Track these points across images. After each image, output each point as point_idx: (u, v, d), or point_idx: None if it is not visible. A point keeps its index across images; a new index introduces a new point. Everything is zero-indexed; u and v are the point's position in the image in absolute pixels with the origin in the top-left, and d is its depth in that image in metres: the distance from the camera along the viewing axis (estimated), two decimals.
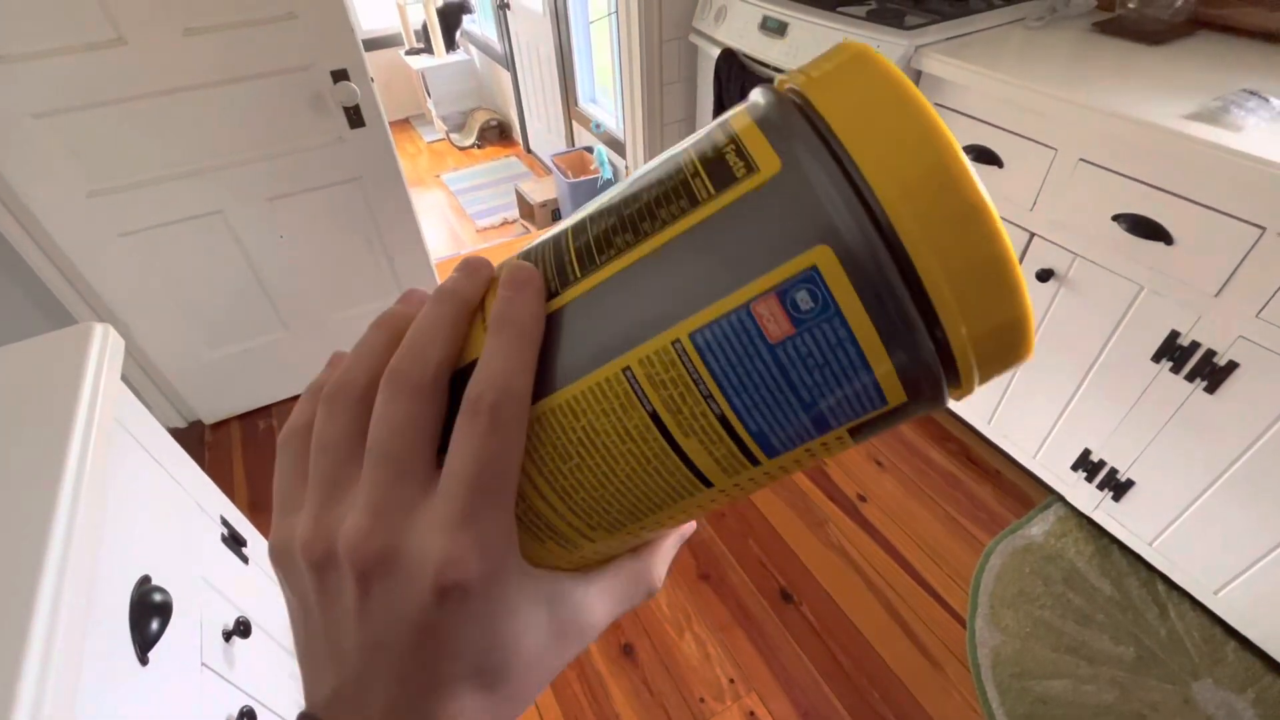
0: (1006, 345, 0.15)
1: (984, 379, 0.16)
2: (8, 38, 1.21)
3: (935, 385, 0.15)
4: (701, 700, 1.27)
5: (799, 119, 0.15)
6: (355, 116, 1.57)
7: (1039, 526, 1.50)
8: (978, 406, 1.61)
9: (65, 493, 0.57)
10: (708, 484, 0.17)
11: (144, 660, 0.62)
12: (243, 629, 0.81)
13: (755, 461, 0.16)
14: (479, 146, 3.65)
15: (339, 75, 1.50)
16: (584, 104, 2.87)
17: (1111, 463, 1.34)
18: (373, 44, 3.74)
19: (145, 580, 0.67)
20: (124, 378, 0.75)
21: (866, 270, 0.14)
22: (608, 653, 1.35)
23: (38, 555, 0.52)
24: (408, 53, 3.78)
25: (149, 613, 0.64)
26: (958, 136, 1.34)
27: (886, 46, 1.34)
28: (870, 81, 0.15)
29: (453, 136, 3.73)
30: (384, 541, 0.17)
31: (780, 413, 0.15)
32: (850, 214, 0.14)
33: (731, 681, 1.30)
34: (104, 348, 0.72)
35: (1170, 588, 1.36)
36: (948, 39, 1.37)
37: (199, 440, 1.86)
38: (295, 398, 1.97)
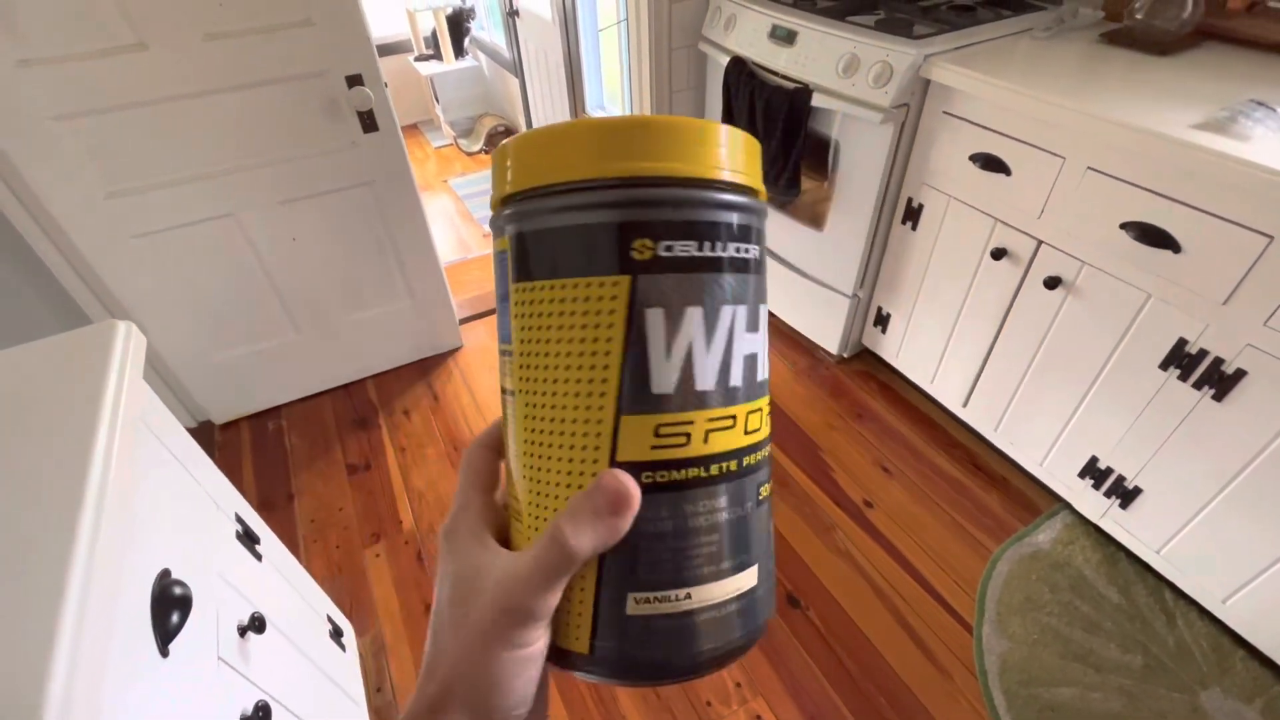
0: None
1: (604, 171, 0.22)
2: (32, 42, 1.23)
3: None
4: (708, 704, 1.27)
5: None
6: (369, 121, 1.59)
7: (1046, 534, 1.50)
8: (984, 413, 1.62)
9: (92, 487, 0.58)
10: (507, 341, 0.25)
11: (165, 652, 0.63)
12: (258, 624, 0.82)
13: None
14: (486, 152, 3.68)
15: (353, 80, 1.52)
16: (592, 111, 2.89)
17: (1119, 470, 1.34)
18: (383, 50, 3.76)
19: (166, 574, 0.68)
20: None
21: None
22: None
23: (66, 548, 0.53)
24: (417, 59, 3.81)
25: (170, 606, 0.65)
26: (966, 144, 1.36)
27: (896, 55, 1.36)
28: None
29: (460, 142, 3.75)
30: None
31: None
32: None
33: (738, 686, 1.30)
34: (127, 345, 0.74)
35: (1178, 596, 1.36)
36: (956, 48, 1.38)
37: (209, 440, 1.88)
38: (305, 399, 1.99)
